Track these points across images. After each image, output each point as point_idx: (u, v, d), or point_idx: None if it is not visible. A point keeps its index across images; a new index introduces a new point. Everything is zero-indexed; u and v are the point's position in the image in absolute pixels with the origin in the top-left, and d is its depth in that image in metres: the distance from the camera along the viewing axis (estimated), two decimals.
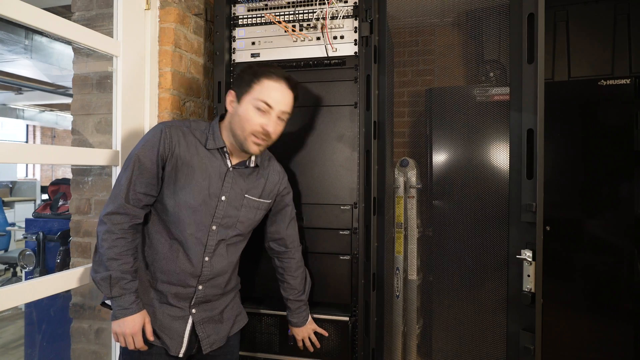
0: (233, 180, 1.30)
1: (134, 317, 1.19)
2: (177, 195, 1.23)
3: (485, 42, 2.76)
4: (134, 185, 1.20)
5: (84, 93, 1.75)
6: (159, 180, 1.23)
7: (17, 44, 3.82)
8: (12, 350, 3.21)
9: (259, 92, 1.23)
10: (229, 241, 1.32)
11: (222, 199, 1.28)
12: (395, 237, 2.51)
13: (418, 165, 2.63)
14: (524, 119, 1.36)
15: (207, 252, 1.27)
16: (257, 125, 1.23)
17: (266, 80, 1.24)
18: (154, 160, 1.21)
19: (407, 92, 3.24)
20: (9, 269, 4.89)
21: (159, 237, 1.27)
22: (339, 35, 1.63)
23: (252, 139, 1.24)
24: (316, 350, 1.58)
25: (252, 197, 1.34)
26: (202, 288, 1.29)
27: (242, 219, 1.33)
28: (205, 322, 1.31)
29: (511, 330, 1.42)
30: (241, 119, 1.24)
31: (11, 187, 7.64)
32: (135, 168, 1.20)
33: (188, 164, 1.24)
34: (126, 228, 1.19)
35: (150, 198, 1.24)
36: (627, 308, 2.40)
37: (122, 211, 1.19)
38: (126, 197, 1.19)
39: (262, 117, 1.23)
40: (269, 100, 1.23)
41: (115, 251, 1.17)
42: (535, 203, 1.31)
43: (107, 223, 1.18)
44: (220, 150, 1.29)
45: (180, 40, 1.69)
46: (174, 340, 1.26)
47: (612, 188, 2.44)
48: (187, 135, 1.26)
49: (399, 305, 2.51)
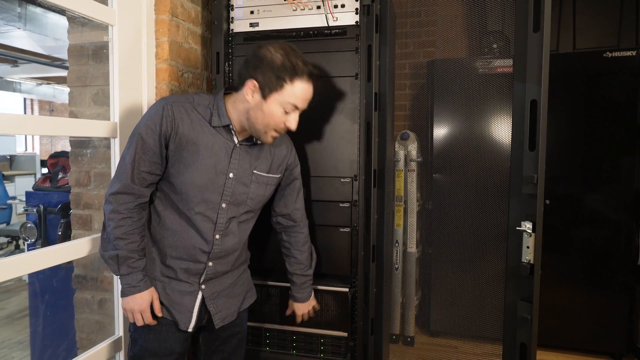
0: (240, 157, 1.28)
1: (142, 295, 1.20)
2: (184, 174, 1.21)
3: (489, 12, 2.70)
4: (138, 164, 1.18)
5: (80, 64, 1.72)
6: (163, 159, 1.21)
7: (10, 12, 3.74)
8: (17, 320, 3.27)
9: (290, 94, 1.19)
10: (240, 218, 1.32)
11: (230, 176, 1.26)
12: (395, 210, 2.52)
13: (419, 139, 2.61)
14: (527, 90, 1.34)
15: (217, 229, 1.26)
16: (282, 123, 1.22)
17: (298, 83, 1.19)
18: (156, 139, 1.18)
19: (408, 64, 3.18)
20: (12, 242, 4.94)
21: (168, 214, 1.25)
22: (339, 4, 1.59)
23: (272, 133, 1.24)
24: (317, 320, 1.61)
25: (260, 173, 1.32)
26: (212, 265, 1.29)
27: (251, 195, 1.31)
28: (216, 297, 1.31)
29: (509, 301, 1.44)
30: (265, 116, 1.20)
31: (10, 160, 7.62)
32: (138, 147, 1.18)
33: (193, 142, 1.21)
34: (132, 207, 1.19)
35: (154, 177, 1.22)
36: (623, 281, 2.43)
37: (128, 191, 1.18)
38: (131, 177, 1.18)
39: (287, 115, 1.22)
40: (298, 103, 1.21)
41: (122, 230, 1.18)
42: (536, 175, 1.31)
43: (112, 203, 1.18)
44: (226, 127, 1.26)
45: (177, 8, 1.65)
46: (183, 315, 1.26)
47: (612, 162, 2.43)
48: (191, 112, 1.23)
49: (398, 277, 2.55)
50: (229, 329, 1.38)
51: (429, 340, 2.67)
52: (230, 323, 1.37)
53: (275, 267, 1.67)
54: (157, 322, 1.25)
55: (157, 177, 1.23)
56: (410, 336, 2.61)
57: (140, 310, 1.21)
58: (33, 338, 2.10)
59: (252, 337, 1.70)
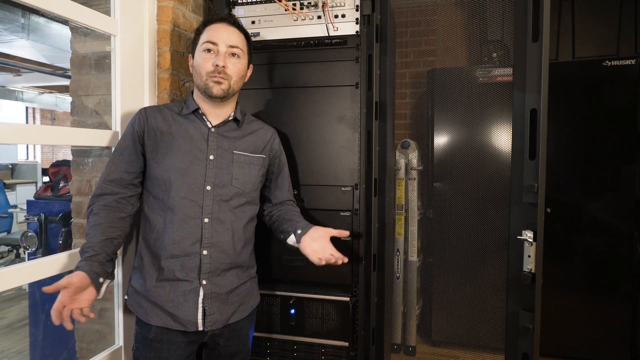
0: (218, 140, 1.33)
1: (77, 272, 1.12)
2: (163, 162, 1.27)
3: (489, 22, 2.72)
4: (115, 165, 1.28)
5: (83, 73, 1.73)
6: (138, 156, 1.29)
7: (14, 22, 3.77)
8: (17, 330, 3.26)
9: (203, 38, 1.30)
10: (231, 203, 1.31)
11: (210, 158, 1.30)
12: (396, 219, 2.52)
13: (419, 147, 2.62)
14: (527, 99, 1.34)
15: (205, 213, 1.26)
16: (209, 65, 1.28)
17: (206, 27, 1.31)
18: (131, 138, 1.29)
19: (409, 73, 3.20)
20: (12, 251, 4.93)
21: (154, 216, 1.27)
22: (340, 14, 1.61)
23: (210, 80, 1.28)
24: (318, 329, 1.60)
25: (241, 152, 1.35)
26: (207, 253, 1.26)
27: (235, 175, 1.33)
28: (213, 298, 1.28)
29: (510, 310, 1.43)
30: (197, 68, 1.30)
31: (12, 168, 7.64)
32: (116, 152, 1.30)
33: (167, 132, 1.30)
34: (101, 204, 1.24)
35: (132, 175, 1.28)
36: (625, 289, 2.42)
37: (100, 192, 1.26)
38: (105, 178, 1.27)
39: (212, 57, 1.28)
40: (211, 38, 1.28)
41: (89, 226, 1.23)
42: (537, 184, 1.31)
43: (90, 204, 1.26)
44: (196, 113, 1.33)
45: (178, 19, 1.66)
46: (187, 316, 1.24)
47: (613, 170, 2.43)
48: (163, 110, 1.34)
49: (399, 286, 2.54)
50: (232, 347, 1.35)
51: (430, 350, 2.65)
52: (234, 340, 1.35)
53: (277, 277, 1.66)
54: (144, 331, 1.26)
55: (134, 176, 1.29)
56: (412, 346, 2.59)
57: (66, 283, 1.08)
58: (33, 347, 2.09)
59: (253, 347, 1.69)
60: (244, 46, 1.34)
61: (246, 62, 1.36)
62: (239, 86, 1.35)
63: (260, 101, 1.67)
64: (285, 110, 1.66)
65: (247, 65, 1.37)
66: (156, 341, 1.24)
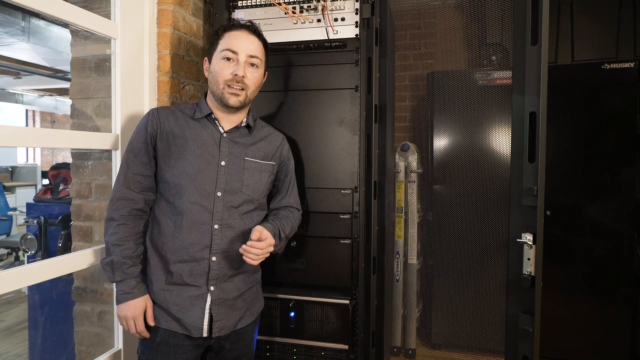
0: (230, 145, 1.31)
1: (135, 301, 1.21)
2: (175, 166, 1.25)
3: (488, 25, 2.73)
4: (131, 168, 1.25)
5: (83, 76, 1.73)
6: (151, 159, 1.27)
7: (14, 25, 3.78)
8: (16, 332, 3.25)
9: (223, 43, 1.28)
10: (240, 210, 1.30)
11: (221, 164, 1.29)
12: (396, 222, 2.52)
13: (419, 150, 2.62)
14: (526, 102, 1.34)
15: (215, 219, 1.26)
16: (228, 74, 1.26)
17: (226, 33, 1.29)
18: (143, 140, 1.26)
19: (408, 75, 3.21)
20: (12, 253, 4.93)
21: (164, 219, 1.26)
22: (339, 17, 1.61)
23: (227, 90, 1.27)
24: (318, 332, 1.60)
25: (252, 159, 1.34)
26: (217, 260, 1.26)
27: (246, 182, 1.31)
28: (220, 304, 1.28)
29: (510, 313, 1.43)
30: (214, 75, 1.28)
31: (11, 171, 7.64)
32: (130, 153, 1.27)
33: (180, 136, 1.28)
34: (125, 214, 1.23)
35: (147, 179, 1.27)
36: (625, 291, 2.42)
37: (121, 196, 1.24)
38: (125, 182, 1.25)
39: (232, 66, 1.27)
40: (232, 47, 1.26)
41: (117, 237, 1.21)
42: (536, 186, 1.31)
43: (109, 211, 1.24)
44: (209, 117, 1.32)
45: (179, 22, 1.67)
46: (193, 321, 1.24)
47: (613, 173, 2.43)
48: (175, 113, 1.32)
49: (399, 289, 2.53)
50: (237, 350, 1.35)
51: (430, 353, 2.64)
52: (239, 344, 1.35)
53: (277, 280, 1.66)
54: (150, 335, 1.25)
55: (149, 180, 1.27)
56: (412, 349, 2.58)
57: (133, 316, 1.21)
58: (32, 351, 2.09)
59: None
60: (262, 56, 1.33)
61: (263, 71, 1.36)
62: (254, 95, 1.35)
63: (260, 104, 1.67)
64: (285, 113, 1.66)
65: (263, 74, 1.37)
66: (163, 344, 1.24)
